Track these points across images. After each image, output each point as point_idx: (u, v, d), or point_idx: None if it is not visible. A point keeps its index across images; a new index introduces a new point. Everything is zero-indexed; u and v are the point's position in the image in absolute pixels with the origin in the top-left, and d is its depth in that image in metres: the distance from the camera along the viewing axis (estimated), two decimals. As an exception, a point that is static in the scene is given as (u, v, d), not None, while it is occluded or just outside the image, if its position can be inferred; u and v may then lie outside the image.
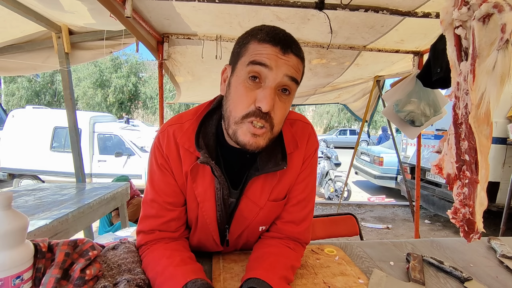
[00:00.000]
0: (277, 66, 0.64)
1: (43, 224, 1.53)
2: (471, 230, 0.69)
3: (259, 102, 0.64)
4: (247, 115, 0.66)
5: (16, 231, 0.53)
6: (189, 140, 0.75)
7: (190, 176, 0.76)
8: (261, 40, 0.66)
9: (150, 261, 0.72)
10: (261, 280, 0.65)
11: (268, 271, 0.68)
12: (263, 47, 0.65)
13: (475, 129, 0.65)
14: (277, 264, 0.72)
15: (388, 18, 2.07)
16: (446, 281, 0.82)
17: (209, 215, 0.78)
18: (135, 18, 1.97)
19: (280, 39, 0.66)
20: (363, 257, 0.95)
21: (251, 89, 0.66)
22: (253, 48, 0.66)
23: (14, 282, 0.53)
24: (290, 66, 0.66)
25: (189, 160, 0.75)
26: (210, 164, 0.72)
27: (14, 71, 2.86)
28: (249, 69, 0.65)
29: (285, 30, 0.70)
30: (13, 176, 6.44)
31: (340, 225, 2.10)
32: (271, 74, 0.64)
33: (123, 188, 2.55)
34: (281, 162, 0.75)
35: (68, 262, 0.62)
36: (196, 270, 0.68)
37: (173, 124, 0.78)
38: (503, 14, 0.50)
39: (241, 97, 0.66)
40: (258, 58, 0.64)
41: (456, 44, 0.69)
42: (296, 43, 0.69)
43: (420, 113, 2.62)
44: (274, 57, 0.64)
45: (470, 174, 0.66)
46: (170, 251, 0.73)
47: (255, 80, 0.65)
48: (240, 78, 0.67)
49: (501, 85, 0.52)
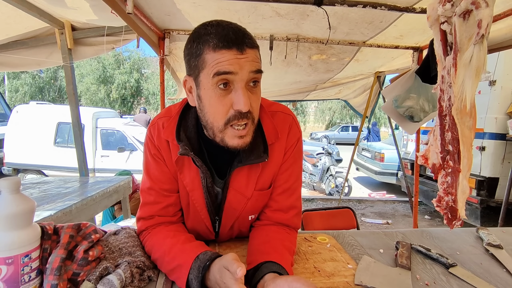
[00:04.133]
0: (240, 68, 0.65)
1: (48, 215, 1.58)
2: (453, 217, 0.72)
3: (237, 105, 0.67)
4: (228, 121, 0.69)
5: (24, 213, 0.58)
6: (171, 133, 0.78)
7: (177, 167, 0.80)
8: (215, 47, 0.65)
9: (155, 243, 0.76)
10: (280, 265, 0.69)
11: (281, 256, 0.72)
12: (221, 55, 0.65)
13: (458, 121, 0.68)
14: (284, 249, 0.76)
15: (387, 13, 2.08)
16: (432, 267, 0.86)
17: (199, 203, 0.82)
18: (136, 14, 2.00)
19: (232, 40, 0.65)
20: (354, 245, 0.99)
21: (224, 95, 0.67)
22: (210, 58, 0.65)
23: (23, 260, 0.57)
24: (250, 61, 0.67)
25: (176, 151, 0.79)
26: (189, 155, 0.75)
27: (18, 67, 2.91)
28: (216, 80, 0.66)
29: (231, 23, 0.69)
30: (18, 171, 6.52)
31: (337, 218, 2.14)
32: (238, 77, 0.66)
33: (125, 182, 2.60)
34: (263, 154, 0.78)
35: (72, 244, 0.66)
36: (203, 245, 0.73)
37: (163, 117, 0.83)
38: (480, 10, 0.53)
39: (217, 107, 0.68)
40: (221, 68, 0.65)
41: (442, 39, 0.72)
42: (247, 35, 0.68)
43: (419, 109, 2.64)
44: (234, 60, 0.65)
45: (453, 163, 0.69)
46: (173, 232, 0.78)
47: (225, 87, 0.67)
48: (209, 90, 0.68)
49: (476, 77, 0.55)
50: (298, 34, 2.55)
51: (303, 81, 3.93)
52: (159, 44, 2.53)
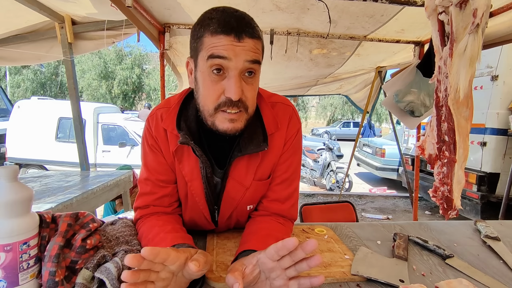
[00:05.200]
0: (235, 55, 0.65)
1: (49, 208, 1.59)
2: (449, 207, 0.72)
3: (228, 93, 0.67)
4: (218, 106, 0.69)
5: (22, 201, 0.58)
6: (172, 123, 0.79)
7: (176, 157, 0.81)
8: (213, 32, 0.66)
9: (144, 230, 0.78)
10: (256, 251, 0.69)
11: (261, 243, 0.71)
12: (217, 39, 0.65)
13: (454, 111, 0.68)
14: (269, 237, 0.76)
15: (388, 7, 2.07)
16: (429, 258, 0.86)
17: (198, 193, 0.83)
18: (136, 7, 1.99)
19: (232, 26, 0.65)
20: (352, 236, 0.99)
21: (217, 81, 0.68)
22: (207, 41, 0.66)
23: (21, 247, 0.58)
24: (247, 50, 0.67)
25: (174, 142, 0.80)
26: (189, 144, 0.75)
27: (19, 61, 2.92)
28: (210, 63, 0.66)
29: (238, 11, 0.69)
30: (20, 165, 6.56)
31: (337, 212, 2.14)
32: (232, 64, 0.66)
33: (126, 176, 2.62)
34: (262, 143, 0.78)
35: (70, 233, 0.67)
36: (185, 238, 0.73)
37: (161, 108, 0.83)
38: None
39: (209, 91, 0.69)
40: (215, 51, 0.65)
41: (440, 29, 0.72)
42: (249, 25, 0.68)
43: (419, 104, 2.63)
44: (230, 47, 0.65)
45: (448, 154, 0.70)
46: (163, 222, 0.79)
47: (219, 73, 0.67)
48: (204, 73, 0.69)
49: (470, 67, 0.55)
50: (299, 28, 2.53)
51: (304, 76, 3.92)
52: (159, 38, 2.52)
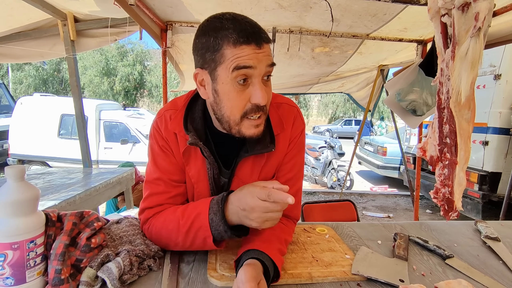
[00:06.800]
0: (258, 62, 0.68)
1: (52, 205, 1.61)
2: (450, 208, 0.73)
3: (255, 99, 0.69)
4: (245, 114, 0.71)
5: (29, 200, 0.59)
6: (178, 125, 0.80)
7: (183, 158, 0.82)
8: (235, 43, 0.66)
9: (165, 217, 0.78)
10: (260, 251, 0.70)
11: (265, 243, 0.74)
12: (240, 50, 0.66)
13: (456, 113, 0.68)
14: (273, 237, 0.78)
15: (391, 6, 2.06)
16: (429, 258, 0.87)
17: (204, 195, 0.84)
18: (139, 5, 2.00)
19: (250, 34, 0.67)
20: (353, 236, 1.00)
21: (242, 90, 0.70)
22: (229, 53, 0.67)
23: (28, 245, 0.59)
24: (267, 55, 0.70)
25: (182, 144, 0.81)
26: (198, 145, 0.77)
27: (22, 58, 2.92)
28: (235, 74, 0.67)
29: (244, 17, 0.71)
30: (23, 162, 6.60)
31: (338, 211, 2.15)
32: (256, 71, 0.68)
33: (128, 173, 2.63)
34: (270, 144, 0.80)
35: (75, 231, 0.68)
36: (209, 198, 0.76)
37: (169, 109, 0.84)
38: (477, 3, 0.53)
39: (236, 101, 0.70)
40: (241, 62, 0.67)
41: (442, 31, 0.72)
42: (261, 30, 0.70)
43: (422, 102, 2.62)
44: (253, 55, 0.67)
45: (450, 156, 0.70)
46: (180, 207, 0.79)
47: (245, 82, 0.69)
48: (227, 84, 0.69)
49: (472, 70, 0.55)
50: (301, 26, 2.53)
51: (306, 74, 3.91)
52: (161, 36, 2.53)
